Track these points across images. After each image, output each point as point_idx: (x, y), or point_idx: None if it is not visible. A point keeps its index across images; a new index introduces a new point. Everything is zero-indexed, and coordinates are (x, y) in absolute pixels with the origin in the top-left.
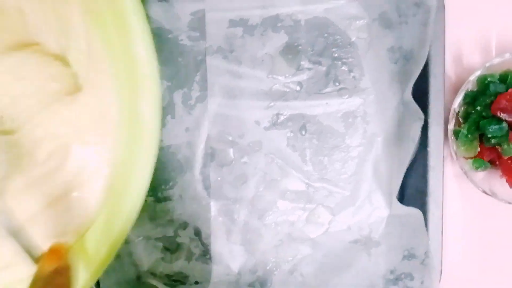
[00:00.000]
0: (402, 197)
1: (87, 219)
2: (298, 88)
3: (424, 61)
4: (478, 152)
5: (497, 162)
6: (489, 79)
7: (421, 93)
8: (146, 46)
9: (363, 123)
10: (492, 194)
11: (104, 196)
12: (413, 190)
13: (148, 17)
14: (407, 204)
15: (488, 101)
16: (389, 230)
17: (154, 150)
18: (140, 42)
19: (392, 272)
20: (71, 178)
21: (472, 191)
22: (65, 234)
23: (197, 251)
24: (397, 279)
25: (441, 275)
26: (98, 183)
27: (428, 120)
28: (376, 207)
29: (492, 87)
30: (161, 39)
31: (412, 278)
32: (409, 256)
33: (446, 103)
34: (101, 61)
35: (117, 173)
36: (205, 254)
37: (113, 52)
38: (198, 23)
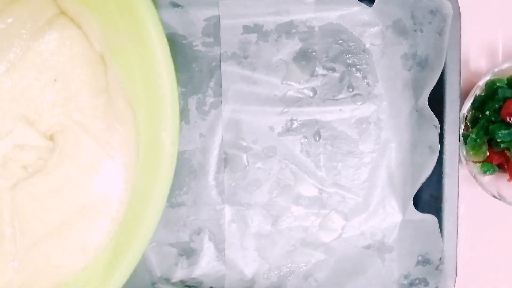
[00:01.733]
0: (417, 203)
1: (105, 237)
2: (312, 94)
3: (441, 70)
4: (487, 156)
5: (506, 166)
6: (497, 84)
7: (436, 101)
8: (169, 75)
9: (377, 129)
10: (501, 198)
11: (122, 216)
12: (427, 197)
13: (163, 24)
14: (422, 210)
15: (496, 106)
16: (402, 235)
17: (171, 174)
18: (164, 74)
19: (406, 277)
20: (93, 194)
21: (481, 195)
22: (83, 250)
23: (211, 256)
24: (411, 285)
25: (456, 280)
26: (118, 203)
27: (444, 127)
28: (390, 213)
29: (500, 92)
30: (175, 45)
31: (426, 284)
32: (424, 261)
33: None
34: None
35: (137, 194)
36: (219, 260)
37: (135, 81)
38: (213, 29)
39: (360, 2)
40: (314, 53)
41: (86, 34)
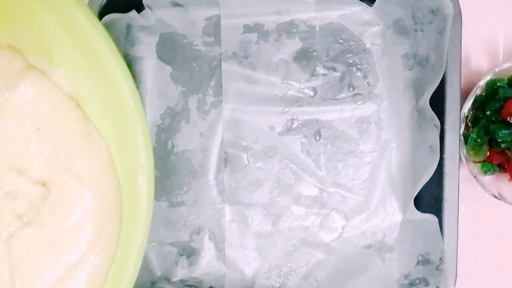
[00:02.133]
0: (417, 203)
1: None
2: (312, 94)
3: (443, 70)
4: (487, 156)
5: (506, 166)
6: (498, 84)
7: (436, 100)
8: (140, 119)
9: (377, 129)
10: (502, 198)
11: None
12: (428, 196)
13: (164, 23)
14: (422, 210)
15: (497, 105)
16: (402, 235)
17: (150, 217)
18: (136, 119)
19: (406, 277)
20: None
21: (482, 194)
22: None
23: (211, 256)
24: (411, 284)
25: (456, 280)
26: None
27: (444, 127)
28: (390, 213)
29: (501, 92)
30: (175, 44)
31: (427, 284)
32: (424, 261)
33: None
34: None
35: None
36: (219, 259)
37: (110, 126)
38: (213, 28)
39: (361, 2)
40: (315, 53)
41: (56, 84)
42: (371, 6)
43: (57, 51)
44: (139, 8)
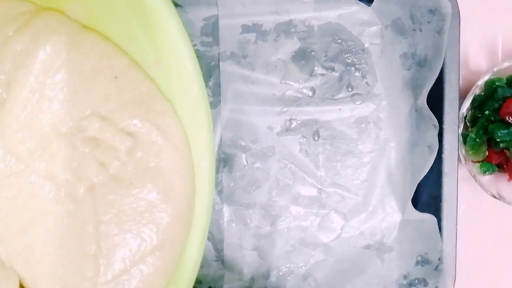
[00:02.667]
0: (416, 203)
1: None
2: (311, 94)
3: (440, 69)
4: (486, 155)
5: (505, 166)
6: (497, 83)
7: (435, 100)
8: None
9: (376, 128)
10: (501, 198)
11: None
12: (427, 196)
13: None
14: (421, 210)
15: (496, 105)
16: (401, 235)
17: (211, 201)
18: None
19: (405, 277)
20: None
21: (481, 194)
22: None
23: (210, 256)
24: (410, 285)
25: (455, 280)
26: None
27: (443, 127)
28: (389, 213)
29: (500, 91)
30: None
31: (426, 284)
32: (423, 261)
33: None
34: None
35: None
36: (218, 260)
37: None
38: (211, 28)
39: (359, 1)
40: (313, 53)
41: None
42: (369, 6)
43: None
44: None
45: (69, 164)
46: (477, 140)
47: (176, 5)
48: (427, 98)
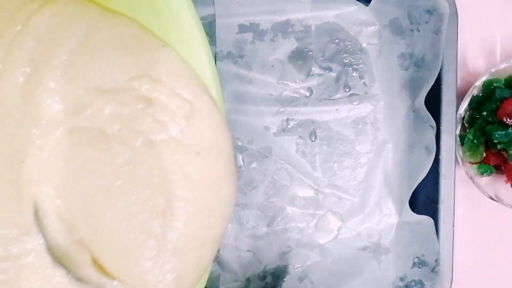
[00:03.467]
0: (413, 205)
1: None
2: (308, 94)
3: (438, 70)
4: (484, 157)
5: (503, 168)
6: (495, 84)
7: (432, 101)
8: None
9: (373, 129)
10: (498, 200)
11: None
12: (424, 198)
13: None
14: (418, 212)
15: (494, 106)
16: (398, 237)
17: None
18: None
19: (402, 279)
20: None
21: (478, 196)
22: None
23: None
24: (407, 286)
25: (451, 282)
26: None
27: (440, 128)
28: (386, 214)
29: (498, 92)
30: None
31: (422, 286)
32: (420, 263)
33: None
34: None
35: None
36: (214, 260)
37: None
38: (208, 28)
39: (357, 1)
40: (311, 53)
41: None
42: (367, 6)
43: None
44: None
45: (118, 118)
46: (475, 141)
47: None
48: (424, 99)
